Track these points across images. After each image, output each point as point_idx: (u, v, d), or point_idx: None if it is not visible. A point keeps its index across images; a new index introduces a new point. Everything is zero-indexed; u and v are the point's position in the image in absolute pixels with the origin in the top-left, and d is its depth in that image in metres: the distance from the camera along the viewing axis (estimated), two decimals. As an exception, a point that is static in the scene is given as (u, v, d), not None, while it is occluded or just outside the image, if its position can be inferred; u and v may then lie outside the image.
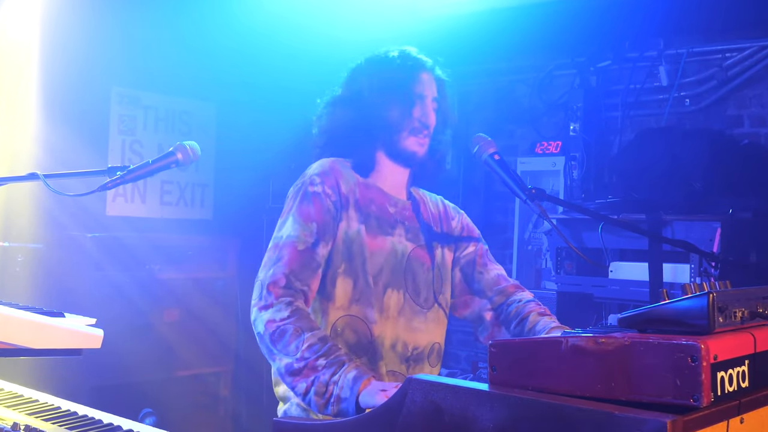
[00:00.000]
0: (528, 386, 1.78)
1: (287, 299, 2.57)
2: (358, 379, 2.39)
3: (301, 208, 2.72)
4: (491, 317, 2.98)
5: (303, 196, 2.74)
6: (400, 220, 2.89)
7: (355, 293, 2.74)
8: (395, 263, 2.82)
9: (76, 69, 5.43)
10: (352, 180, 2.83)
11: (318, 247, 2.68)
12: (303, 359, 2.46)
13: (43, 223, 5.25)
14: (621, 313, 1.87)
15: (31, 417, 2.33)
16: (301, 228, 2.68)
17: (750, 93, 5.42)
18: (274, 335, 2.52)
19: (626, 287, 4.78)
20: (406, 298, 2.82)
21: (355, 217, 2.78)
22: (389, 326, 2.79)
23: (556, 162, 5.93)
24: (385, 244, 2.81)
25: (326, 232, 2.71)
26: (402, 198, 2.96)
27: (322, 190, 2.74)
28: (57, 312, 2.08)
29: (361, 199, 2.82)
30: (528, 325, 2.82)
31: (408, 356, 2.83)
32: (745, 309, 1.81)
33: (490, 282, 3.00)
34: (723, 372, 1.66)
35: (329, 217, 2.72)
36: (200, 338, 5.78)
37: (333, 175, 2.79)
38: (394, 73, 2.88)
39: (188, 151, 2.76)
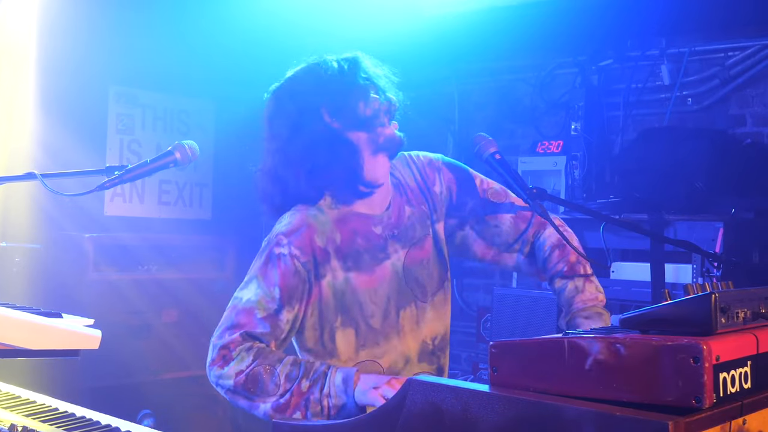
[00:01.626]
0: (529, 387, 1.76)
1: (246, 345, 2.46)
2: (348, 381, 2.37)
3: (264, 270, 2.56)
4: (528, 267, 2.90)
5: (268, 257, 2.58)
6: (390, 234, 2.75)
7: (359, 340, 2.66)
8: (398, 283, 2.73)
9: (74, 68, 5.43)
10: (327, 226, 2.65)
11: (281, 313, 2.53)
12: (287, 392, 2.40)
13: (40, 223, 5.25)
14: (623, 314, 1.85)
15: (29, 418, 2.32)
16: (263, 293, 2.53)
17: (752, 92, 5.41)
18: (248, 383, 2.43)
19: (628, 288, 4.79)
20: (418, 305, 2.76)
21: (339, 266, 2.63)
22: (411, 340, 2.73)
23: (558, 161, 5.89)
24: (385, 272, 2.70)
25: (292, 297, 2.54)
26: (385, 205, 2.79)
27: (288, 251, 2.57)
28: (54, 312, 2.08)
29: (343, 242, 2.65)
30: (556, 291, 2.77)
31: (431, 350, 2.79)
32: (747, 309, 1.79)
33: (510, 231, 2.86)
34: (725, 373, 1.64)
35: (296, 279, 2.55)
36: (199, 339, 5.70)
37: (303, 233, 2.61)
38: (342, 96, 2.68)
39: (187, 150, 2.74)
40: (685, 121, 5.66)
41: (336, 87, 2.67)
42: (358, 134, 2.67)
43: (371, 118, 2.68)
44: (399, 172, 2.88)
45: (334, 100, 2.66)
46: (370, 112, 2.68)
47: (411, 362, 2.74)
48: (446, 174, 2.92)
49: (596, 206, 4.85)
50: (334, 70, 2.70)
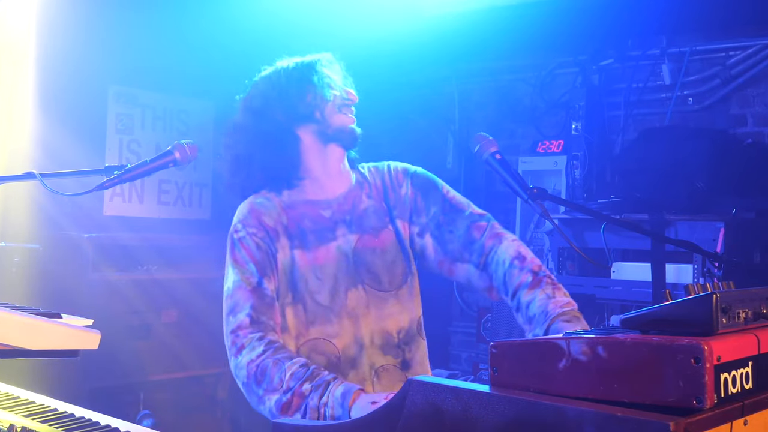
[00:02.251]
0: (530, 388, 1.75)
1: (258, 335, 2.54)
2: (346, 395, 2.37)
3: (234, 255, 2.71)
4: (484, 281, 2.85)
5: (232, 245, 2.74)
6: (339, 218, 2.84)
7: (309, 316, 2.73)
8: (346, 264, 2.79)
9: (73, 67, 5.42)
10: (275, 211, 2.80)
11: (263, 283, 2.66)
12: (289, 390, 2.43)
13: (39, 223, 5.24)
14: (623, 314, 1.84)
15: (28, 419, 2.31)
16: (241, 271, 2.67)
17: (753, 92, 5.41)
18: (257, 375, 2.49)
19: (629, 288, 4.78)
20: (366, 290, 2.79)
21: (287, 244, 2.75)
22: (362, 325, 2.77)
23: (558, 161, 5.91)
24: (330, 252, 2.78)
25: (265, 267, 2.69)
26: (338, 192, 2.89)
27: (245, 233, 2.72)
28: (54, 313, 2.07)
29: (290, 223, 2.79)
30: (523, 305, 2.68)
31: (396, 343, 2.81)
32: (748, 310, 1.78)
33: (463, 240, 2.85)
34: (726, 373, 1.63)
35: (261, 252, 2.70)
36: (198, 339, 5.75)
37: (253, 216, 2.77)
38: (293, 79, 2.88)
39: (186, 150, 2.76)
40: (686, 121, 5.66)
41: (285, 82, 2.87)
42: (306, 126, 2.83)
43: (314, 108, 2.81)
44: (369, 172, 2.99)
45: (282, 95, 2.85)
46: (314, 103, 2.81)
47: (365, 348, 2.76)
48: (416, 180, 2.98)
49: (597, 206, 4.85)
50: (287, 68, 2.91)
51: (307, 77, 2.84)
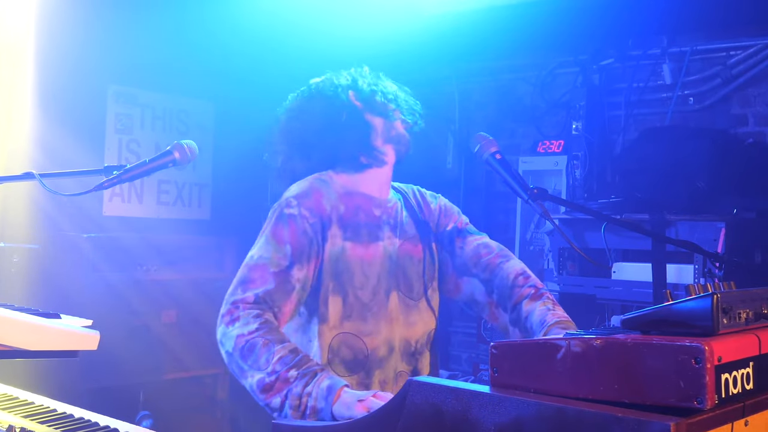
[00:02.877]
0: (530, 388, 1.77)
1: (255, 311, 2.53)
2: (331, 389, 2.37)
3: (276, 229, 2.69)
4: (485, 296, 2.94)
5: (278, 217, 2.71)
6: (386, 220, 2.89)
7: (346, 310, 2.73)
8: (390, 266, 2.83)
9: (72, 67, 5.41)
10: (333, 196, 2.81)
11: (293, 270, 2.63)
12: (274, 372, 2.42)
13: (38, 223, 5.23)
14: (624, 315, 1.86)
15: (27, 419, 2.31)
16: (275, 250, 2.64)
17: (754, 91, 5.40)
18: (244, 350, 2.46)
19: (629, 288, 4.77)
20: (400, 297, 2.84)
21: (339, 234, 2.75)
22: (395, 329, 2.80)
23: (559, 161, 5.91)
24: (378, 251, 2.81)
25: (302, 255, 2.66)
26: (385, 196, 2.97)
27: (298, 212, 2.70)
28: (53, 313, 2.07)
29: (346, 212, 2.81)
30: (523, 315, 2.78)
31: (412, 351, 2.86)
32: (749, 310, 1.79)
33: (471, 255, 2.96)
34: (727, 374, 1.65)
35: (305, 239, 2.68)
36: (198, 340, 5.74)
37: (312, 196, 2.76)
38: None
39: (186, 150, 2.77)
40: (687, 121, 5.65)
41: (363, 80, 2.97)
42: (376, 118, 2.91)
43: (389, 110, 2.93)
44: (403, 191, 3.10)
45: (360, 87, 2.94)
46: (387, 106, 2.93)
47: (394, 354, 2.79)
48: (441, 201, 3.12)
49: (597, 206, 4.84)
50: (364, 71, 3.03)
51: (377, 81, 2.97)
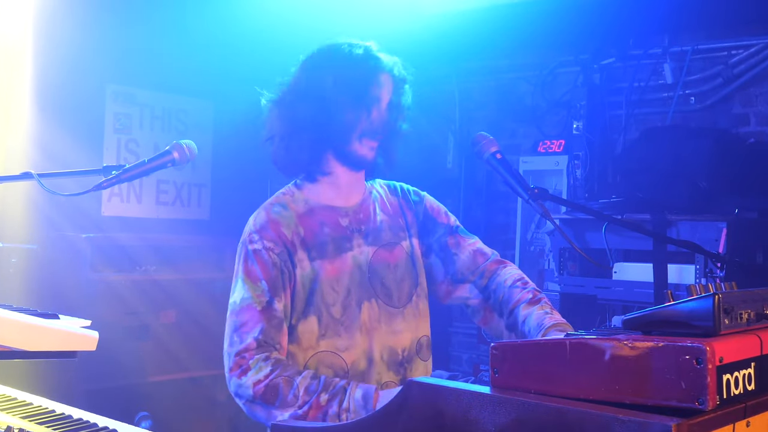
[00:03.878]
0: (530, 389, 1.75)
1: (263, 355, 2.49)
2: (368, 397, 2.36)
3: (246, 268, 2.64)
4: (480, 301, 2.90)
5: (245, 256, 2.66)
6: (355, 228, 2.81)
7: (321, 329, 2.68)
8: (360, 276, 2.76)
9: (70, 66, 5.41)
10: (292, 221, 2.73)
11: (273, 303, 2.59)
12: (305, 404, 2.39)
13: (37, 223, 5.23)
14: (625, 315, 1.85)
15: (25, 420, 2.31)
16: (252, 288, 2.60)
17: (756, 91, 5.39)
18: (267, 394, 2.42)
19: (630, 288, 4.77)
20: (379, 305, 2.78)
21: (305, 256, 2.70)
22: (374, 339, 2.75)
23: (559, 161, 5.91)
24: (346, 263, 2.74)
25: (277, 287, 2.62)
26: (353, 203, 2.86)
27: (262, 246, 2.65)
28: (51, 314, 2.07)
29: (307, 233, 2.72)
30: (520, 319, 2.73)
31: (399, 360, 2.80)
32: (751, 310, 1.77)
33: (467, 262, 2.90)
34: (729, 375, 1.63)
35: (275, 271, 2.63)
36: (197, 340, 5.74)
37: (271, 227, 2.69)
38: (353, 71, 2.74)
39: (185, 150, 2.74)
40: (688, 120, 5.65)
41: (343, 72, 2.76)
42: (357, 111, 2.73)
43: (373, 98, 2.75)
44: (382, 188, 2.98)
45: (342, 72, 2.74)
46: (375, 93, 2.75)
47: (375, 364, 2.74)
48: (428, 201, 3.01)
49: (598, 206, 4.83)
50: (352, 57, 2.78)
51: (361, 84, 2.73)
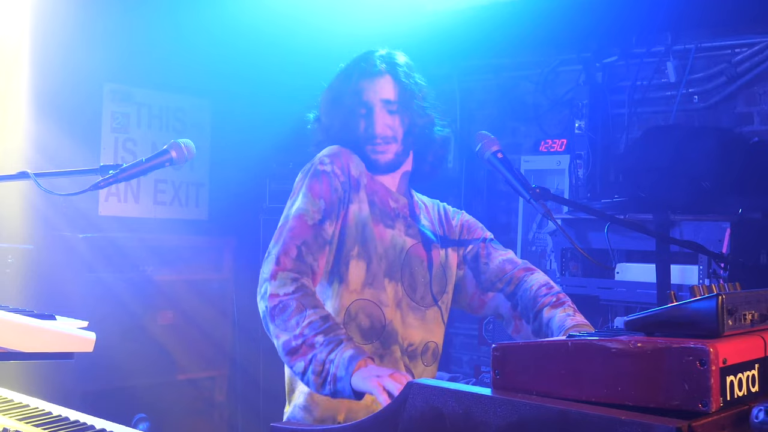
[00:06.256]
0: (532, 390, 1.77)
1: (293, 274, 2.56)
2: (353, 359, 2.36)
3: (311, 184, 2.74)
4: (509, 309, 2.94)
5: (313, 173, 2.76)
6: (401, 213, 2.91)
7: (368, 277, 2.76)
8: (394, 255, 2.83)
9: (67, 65, 5.41)
10: (361, 166, 2.86)
11: (325, 224, 2.69)
12: (301, 335, 2.44)
13: (33, 223, 5.22)
14: (628, 316, 1.85)
15: (22, 422, 2.30)
16: (311, 203, 2.70)
17: (760, 89, 5.37)
18: (275, 310, 2.51)
19: (633, 289, 4.77)
20: (403, 292, 2.83)
21: (366, 200, 2.81)
22: (389, 313, 2.79)
23: (561, 160, 5.91)
24: (386, 234, 2.83)
25: (332, 211, 2.72)
26: (403, 194, 2.98)
27: (331, 169, 2.76)
28: (48, 314, 2.06)
29: (369, 186, 2.85)
30: (544, 322, 2.78)
31: (404, 347, 2.84)
32: (755, 311, 1.79)
33: (496, 270, 2.96)
34: (732, 376, 1.64)
35: (336, 196, 2.74)
36: (195, 341, 5.75)
37: (343, 158, 2.80)
38: (338, 86, 2.92)
39: (183, 149, 2.77)
40: (692, 119, 5.64)
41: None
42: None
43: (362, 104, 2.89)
44: (424, 202, 3.08)
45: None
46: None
47: (392, 336, 2.78)
48: (464, 216, 3.11)
49: (600, 206, 4.83)
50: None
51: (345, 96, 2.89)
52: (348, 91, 2.86)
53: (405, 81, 2.87)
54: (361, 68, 2.88)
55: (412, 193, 3.04)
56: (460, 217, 3.09)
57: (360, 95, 2.84)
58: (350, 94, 2.85)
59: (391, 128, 2.84)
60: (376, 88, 2.85)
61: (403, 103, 2.86)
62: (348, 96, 2.86)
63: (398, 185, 2.95)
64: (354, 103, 2.85)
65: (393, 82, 2.86)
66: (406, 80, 2.87)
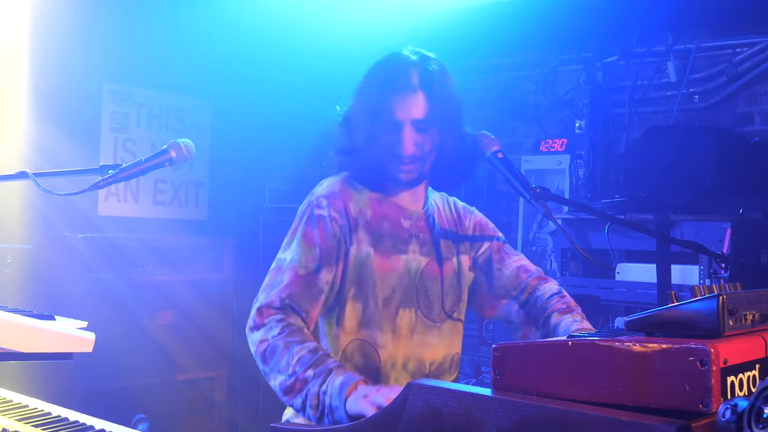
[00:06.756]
0: (532, 391, 1.77)
1: (278, 317, 2.56)
2: (344, 385, 2.36)
3: (306, 231, 2.69)
4: (522, 317, 2.92)
5: (308, 218, 2.71)
6: (414, 233, 2.84)
7: (365, 317, 2.73)
8: (408, 282, 2.79)
9: (67, 65, 5.40)
10: (363, 199, 2.79)
11: (321, 273, 2.65)
12: (294, 374, 2.45)
13: (33, 223, 5.21)
14: (628, 316, 1.85)
15: (21, 423, 2.29)
16: (304, 252, 2.66)
17: (761, 89, 5.37)
18: (266, 353, 2.52)
19: (633, 289, 4.78)
20: (418, 316, 2.80)
21: (366, 239, 2.74)
22: (402, 346, 2.77)
23: (561, 160, 5.90)
24: (398, 264, 2.78)
25: (330, 258, 2.67)
26: (418, 209, 2.90)
27: (328, 213, 2.71)
28: (47, 315, 2.06)
29: (373, 219, 2.78)
30: (551, 327, 2.77)
31: (426, 373, 2.82)
32: (755, 312, 1.79)
33: (511, 278, 2.93)
34: (733, 377, 1.64)
35: (334, 242, 2.68)
36: (195, 341, 5.74)
37: (341, 198, 2.75)
38: (370, 97, 2.78)
39: (182, 149, 2.76)
40: (692, 119, 5.64)
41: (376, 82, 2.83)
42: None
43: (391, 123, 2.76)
44: (436, 201, 3.00)
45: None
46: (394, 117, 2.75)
47: (396, 370, 2.76)
48: (476, 216, 3.05)
49: (601, 206, 4.84)
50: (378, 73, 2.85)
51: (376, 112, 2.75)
52: (379, 105, 2.71)
53: (438, 97, 2.73)
54: (394, 81, 2.72)
55: (428, 198, 2.95)
56: (472, 216, 3.03)
57: (392, 112, 2.69)
58: (381, 109, 2.70)
59: (418, 146, 2.71)
60: (407, 105, 2.70)
61: (434, 120, 2.73)
62: (379, 110, 2.71)
63: (416, 196, 2.88)
64: (384, 119, 2.70)
65: (425, 99, 2.71)
66: (439, 95, 2.73)
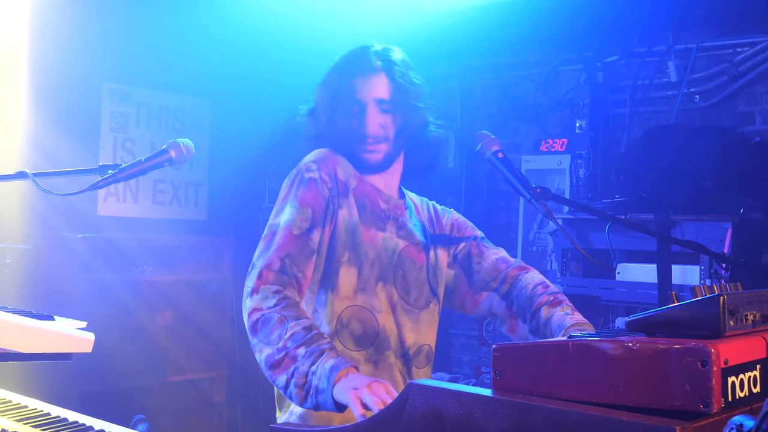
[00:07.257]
0: (533, 391, 1.77)
1: (275, 287, 2.53)
2: (335, 369, 2.32)
3: (297, 193, 2.70)
4: (504, 309, 2.92)
5: (299, 182, 2.73)
6: (392, 215, 2.87)
7: (360, 282, 2.74)
8: (387, 258, 2.80)
9: (66, 64, 5.41)
10: (349, 169, 2.82)
11: (312, 233, 2.66)
12: (284, 349, 2.41)
13: (32, 223, 5.22)
14: (629, 316, 1.85)
15: (20, 423, 2.29)
16: (297, 213, 2.67)
17: (762, 89, 5.36)
18: (257, 324, 2.48)
19: (634, 289, 4.76)
20: (397, 295, 2.81)
21: (354, 204, 2.78)
22: (383, 317, 2.77)
23: (562, 160, 5.89)
24: (378, 238, 2.80)
25: (321, 219, 2.69)
26: (394, 195, 2.94)
27: (318, 176, 2.72)
28: (46, 315, 2.07)
29: (357, 190, 2.81)
30: (542, 321, 2.76)
31: (408, 354, 2.83)
32: (756, 312, 1.78)
33: (490, 270, 2.95)
34: (734, 377, 1.63)
35: (324, 203, 2.71)
36: (194, 342, 5.74)
37: (330, 163, 2.77)
38: (334, 79, 2.87)
39: (182, 148, 2.76)
40: (693, 119, 5.62)
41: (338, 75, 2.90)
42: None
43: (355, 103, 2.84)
44: (413, 200, 3.04)
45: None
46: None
47: (393, 336, 2.78)
48: (454, 215, 3.09)
49: (601, 206, 4.82)
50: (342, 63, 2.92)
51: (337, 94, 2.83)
52: (342, 88, 2.80)
53: (400, 80, 2.81)
54: (356, 65, 2.82)
55: (404, 192, 3.01)
56: (449, 215, 3.06)
57: (354, 93, 2.78)
58: (344, 92, 2.79)
59: (383, 127, 2.78)
60: (369, 86, 2.78)
61: (397, 102, 2.80)
62: (341, 93, 2.80)
63: (389, 185, 2.91)
64: (347, 101, 2.79)
65: (388, 80, 2.80)
66: (401, 79, 2.81)
